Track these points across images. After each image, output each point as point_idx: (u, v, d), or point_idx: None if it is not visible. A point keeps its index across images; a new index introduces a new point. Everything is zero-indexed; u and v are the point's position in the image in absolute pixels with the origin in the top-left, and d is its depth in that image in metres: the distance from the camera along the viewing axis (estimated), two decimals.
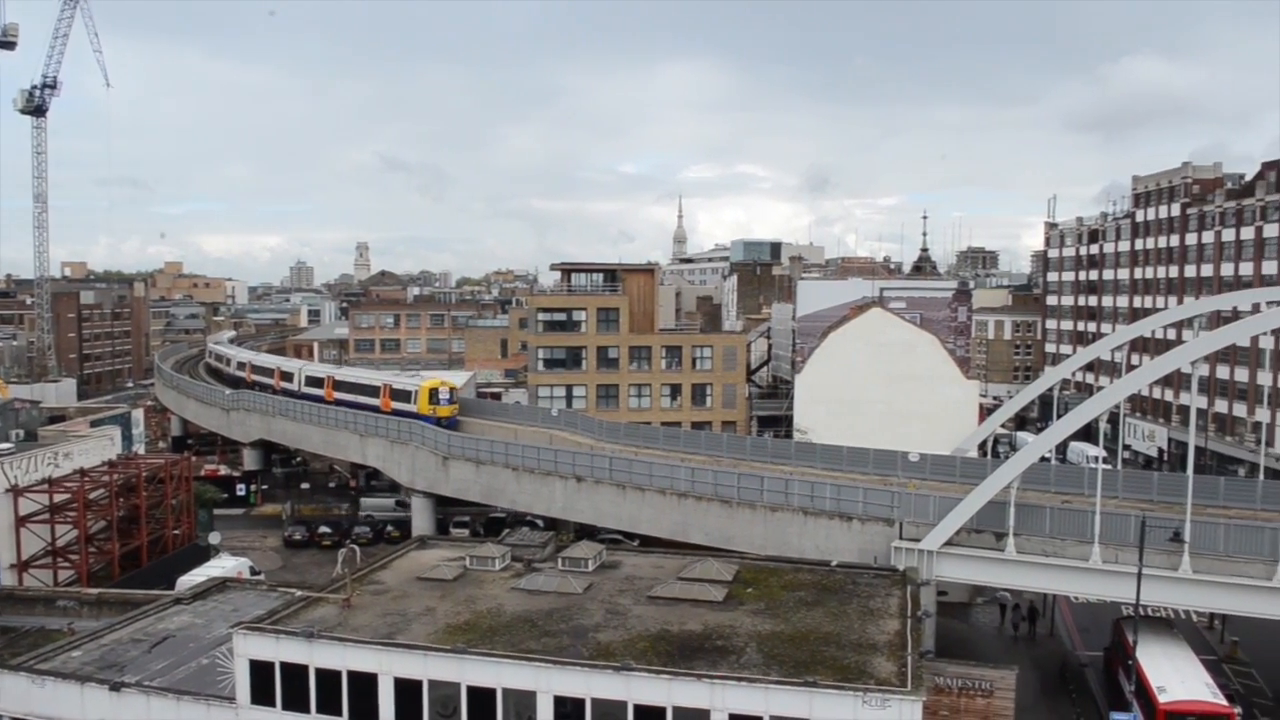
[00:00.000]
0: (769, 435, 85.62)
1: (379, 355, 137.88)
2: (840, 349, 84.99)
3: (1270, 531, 43.88)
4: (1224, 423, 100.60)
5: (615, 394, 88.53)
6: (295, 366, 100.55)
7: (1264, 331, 50.14)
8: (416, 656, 34.63)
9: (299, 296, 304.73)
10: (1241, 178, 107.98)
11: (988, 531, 47.94)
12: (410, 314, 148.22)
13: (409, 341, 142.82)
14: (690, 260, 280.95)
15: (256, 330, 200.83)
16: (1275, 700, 50.84)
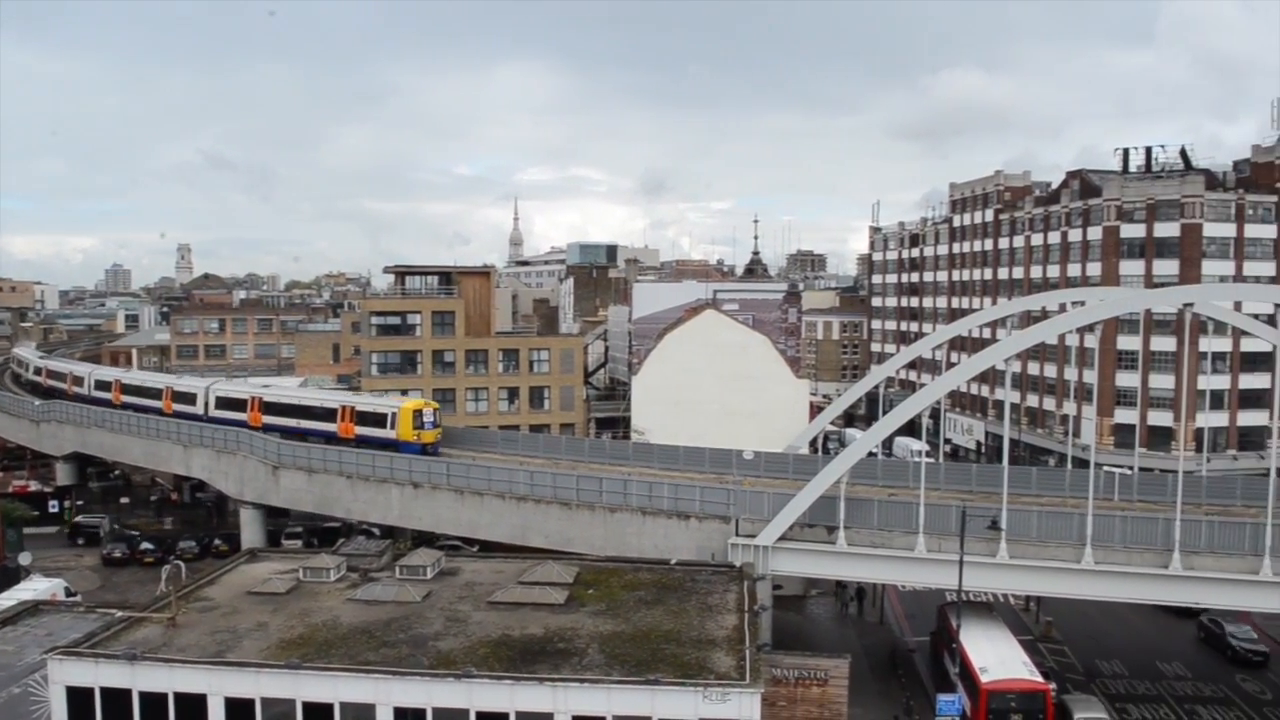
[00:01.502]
0: (607, 437, 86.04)
1: (203, 362, 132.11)
2: (676, 350, 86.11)
3: (1078, 517, 46.68)
4: (1036, 416, 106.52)
5: (452, 398, 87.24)
6: (200, 385, 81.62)
7: (1070, 330, 53.20)
8: (248, 674, 33.36)
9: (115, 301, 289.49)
10: (1049, 186, 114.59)
11: (820, 526, 49.39)
12: (236, 319, 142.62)
13: (235, 347, 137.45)
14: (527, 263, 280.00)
15: (69, 337, 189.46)
16: (1086, 674, 54.16)
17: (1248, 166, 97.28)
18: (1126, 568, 46.29)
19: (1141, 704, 50.82)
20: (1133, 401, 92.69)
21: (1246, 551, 45.29)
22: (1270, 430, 52.44)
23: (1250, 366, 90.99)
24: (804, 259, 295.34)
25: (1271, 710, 50.21)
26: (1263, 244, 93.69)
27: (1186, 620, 61.04)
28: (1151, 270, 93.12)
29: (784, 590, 58.26)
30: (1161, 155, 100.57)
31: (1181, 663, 56.29)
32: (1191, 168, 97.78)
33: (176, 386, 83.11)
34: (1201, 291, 63.17)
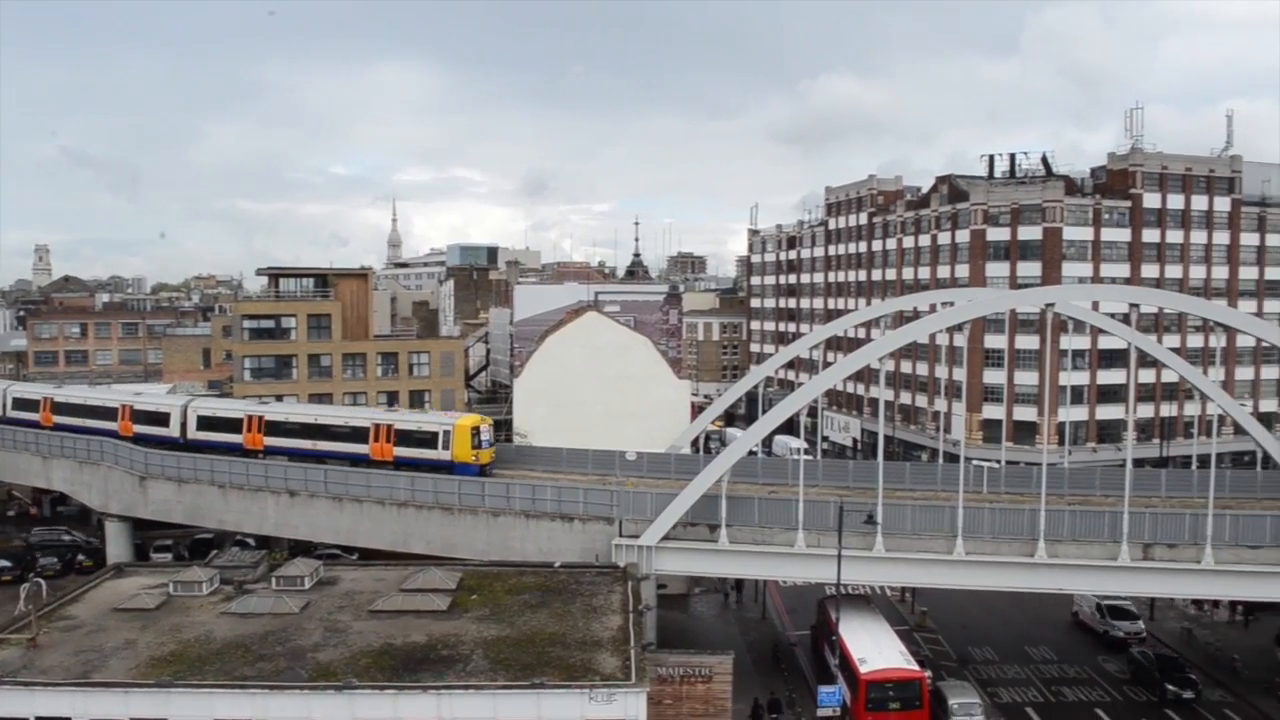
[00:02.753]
0: None
1: (63, 369, 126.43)
2: (557, 352, 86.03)
3: (950, 510, 48.26)
4: (909, 413, 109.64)
5: (329, 403, 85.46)
6: (175, 403, 69.16)
7: (940, 329, 54.85)
8: (116, 695, 32.14)
9: None
10: (919, 190, 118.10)
11: (702, 524, 49.94)
12: (100, 323, 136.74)
13: (98, 353, 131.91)
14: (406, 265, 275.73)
15: None
16: (960, 661, 56.13)
17: (1104, 173, 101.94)
18: (995, 557, 48.09)
19: (1011, 687, 52.88)
20: (999, 398, 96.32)
21: (1106, 538, 47.54)
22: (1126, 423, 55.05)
23: (1107, 363, 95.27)
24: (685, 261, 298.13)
25: (1130, 688, 52.86)
26: (1118, 247, 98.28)
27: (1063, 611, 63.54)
28: (1016, 272, 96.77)
29: (668, 589, 58.73)
30: (1025, 162, 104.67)
31: (1049, 647, 58.72)
32: (1052, 174, 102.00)
33: (139, 405, 69.96)
34: (1062, 292, 66.03)
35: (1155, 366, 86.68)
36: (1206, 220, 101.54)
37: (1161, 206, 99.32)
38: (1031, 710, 50.00)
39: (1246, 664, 55.23)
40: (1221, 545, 46.82)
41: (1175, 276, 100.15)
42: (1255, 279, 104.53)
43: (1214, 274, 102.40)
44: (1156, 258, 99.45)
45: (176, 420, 67.16)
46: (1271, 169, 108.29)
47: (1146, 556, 47.42)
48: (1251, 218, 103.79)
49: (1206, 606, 63.71)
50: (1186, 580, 48.33)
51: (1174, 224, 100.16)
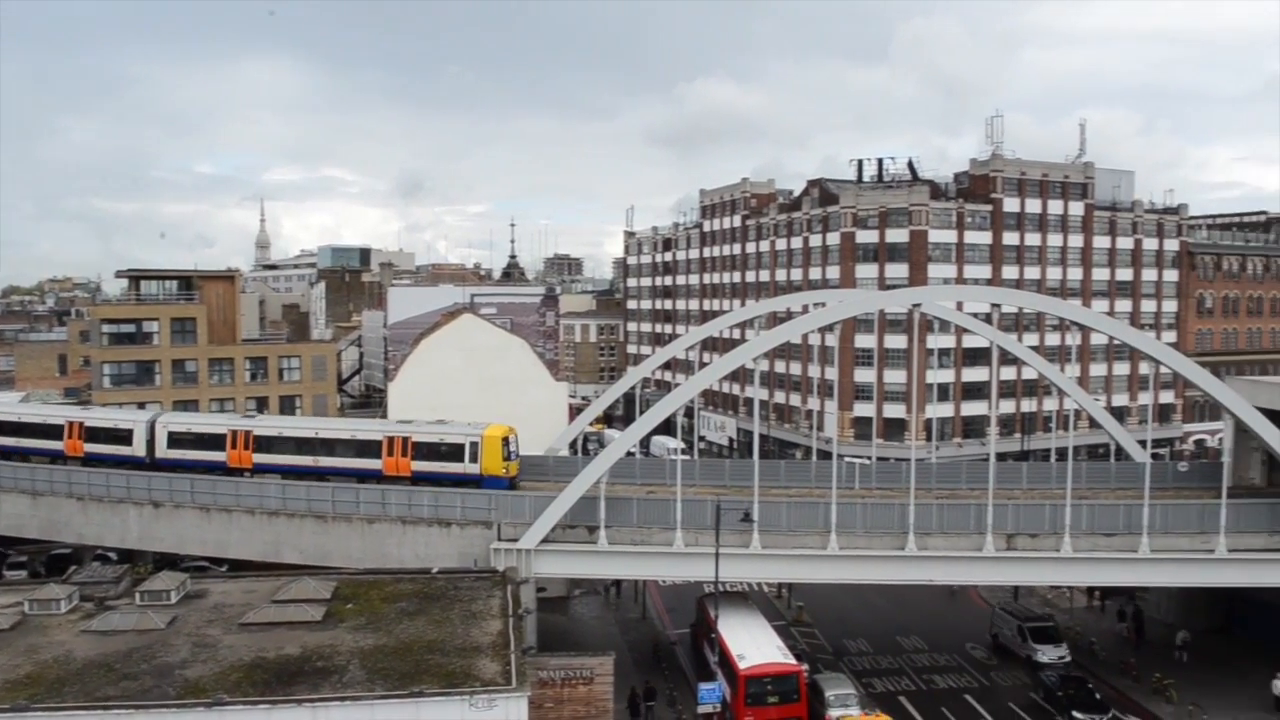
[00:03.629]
0: None
1: None
2: (433, 355, 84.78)
3: (824, 506, 49.27)
4: (783, 412, 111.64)
5: (195, 410, 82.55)
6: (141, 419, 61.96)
7: (812, 330, 56.04)
8: None
9: None
10: (791, 193, 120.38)
11: (581, 526, 49.90)
12: None
13: None
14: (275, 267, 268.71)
15: None
16: (835, 653, 57.39)
17: (967, 178, 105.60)
18: (868, 551, 49.30)
19: (885, 677, 54.33)
20: (870, 396, 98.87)
21: (971, 530, 49.23)
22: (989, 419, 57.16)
23: (971, 361, 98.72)
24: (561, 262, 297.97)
25: (996, 674, 54.88)
26: (980, 249, 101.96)
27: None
28: (884, 273, 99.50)
29: (548, 592, 58.54)
30: (892, 167, 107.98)
31: (919, 636, 60.46)
32: (918, 178, 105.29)
33: (92, 421, 62.40)
34: (928, 293, 68.17)
35: (1016, 364, 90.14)
36: (1062, 224, 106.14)
37: (1020, 210, 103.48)
38: (904, 699, 51.41)
39: (1103, 646, 57.94)
40: (1079, 534, 49.01)
41: (1034, 277, 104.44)
42: (1107, 280, 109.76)
43: (1069, 275, 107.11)
44: (1016, 259, 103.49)
45: (141, 438, 60.41)
46: (1121, 175, 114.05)
47: (1010, 546, 49.30)
48: (1103, 221, 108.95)
49: (1067, 592, 66.38)
50: (1047, 568, 50.40)
51: (1032, 227, 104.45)
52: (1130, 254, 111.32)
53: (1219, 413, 62.13)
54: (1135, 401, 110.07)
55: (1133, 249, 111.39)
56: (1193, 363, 53.78)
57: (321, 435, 58.69)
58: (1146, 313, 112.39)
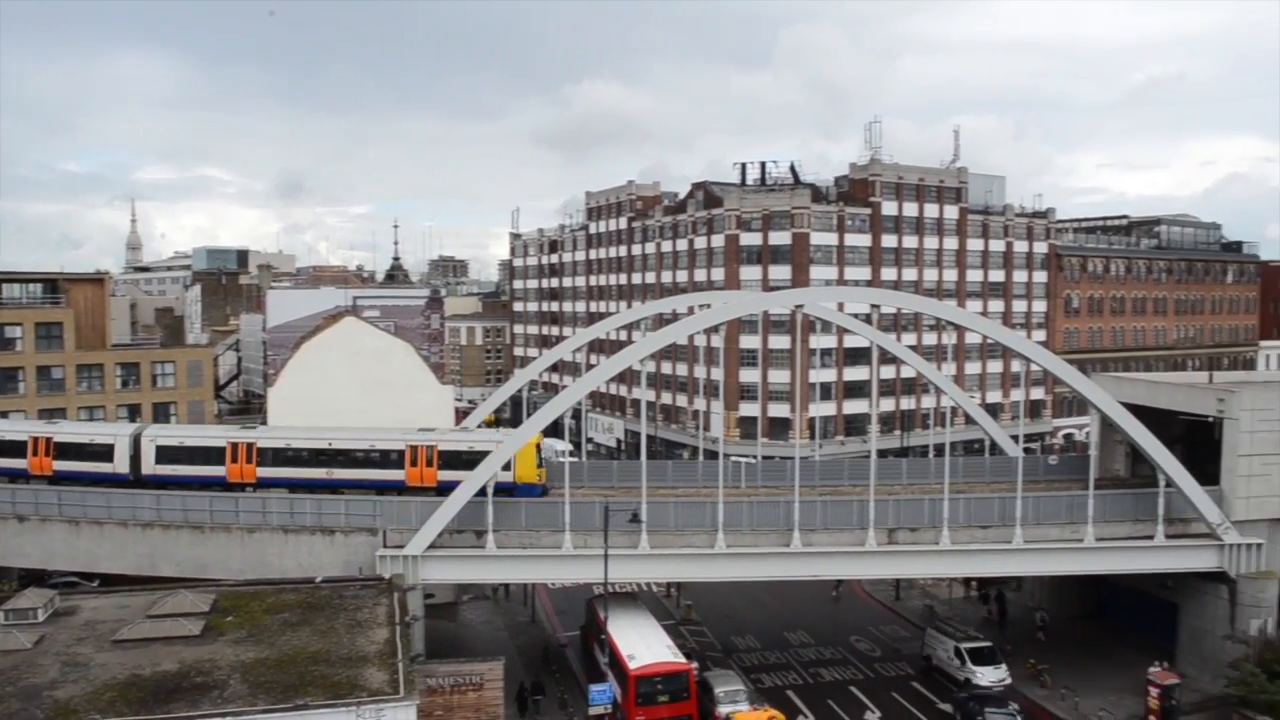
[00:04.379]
0: None
1: None
2: (315, 359, 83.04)
3: (711, 506, 49.74)
4: (670, 413, 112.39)
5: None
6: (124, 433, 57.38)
7: (698, 331, 56.52)
8: None
9: None
10: (676, 196, 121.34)
11: (468, 531, 49.42)
12: None
13: None
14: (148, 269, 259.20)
15: None
16: (724, 651, 58.01)
17: (847, 182, 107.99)
18: (755, 549, 50.00)
19: (773, 672, 55.17)
20: (755, 396, 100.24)
21: (854, 526, 50.35)
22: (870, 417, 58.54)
23: (852, 361, 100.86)
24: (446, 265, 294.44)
25: (880, 665, 56.22)
26: (860, 251, 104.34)
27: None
28: (768, 275, 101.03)
29: (436, 598, 57.81)
30: (775, 170, 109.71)
31: (805, 631, 61.56)
32: (800, 182, 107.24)
33: (63, 436, 57.02)
34: (810, 294, 69.55)
35: (895, 363, 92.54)
36: (938, 227, 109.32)
37: (898, 214, 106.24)
38: (792, 693, 52.29)
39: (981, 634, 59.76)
40: (957, 527, 50.57)
41: (911, 279, 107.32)
42: (981, 281, 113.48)
43: (945, 276, 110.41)
44: (894, 261, 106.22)
45: (123, 453, 55.93)
46: (993, 180, 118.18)
47: (891, 541, 50.59)
48: (976, 225, 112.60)
49: (946, 584, 68.36)
50: (927, 561, 51.85)
51: (909, 230, 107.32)
52: (1002, 256, 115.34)
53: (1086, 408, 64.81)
54: (1008, 398, 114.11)
55: (1004, 251, 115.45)
56: (1061, 361, 56.04)
57: (336, 446, 55.41)
58: (1018, 313, 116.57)
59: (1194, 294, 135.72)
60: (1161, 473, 50.47)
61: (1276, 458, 52.61)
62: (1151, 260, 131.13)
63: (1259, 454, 52.30)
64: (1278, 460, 52.67)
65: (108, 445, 56.26)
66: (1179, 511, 51.54)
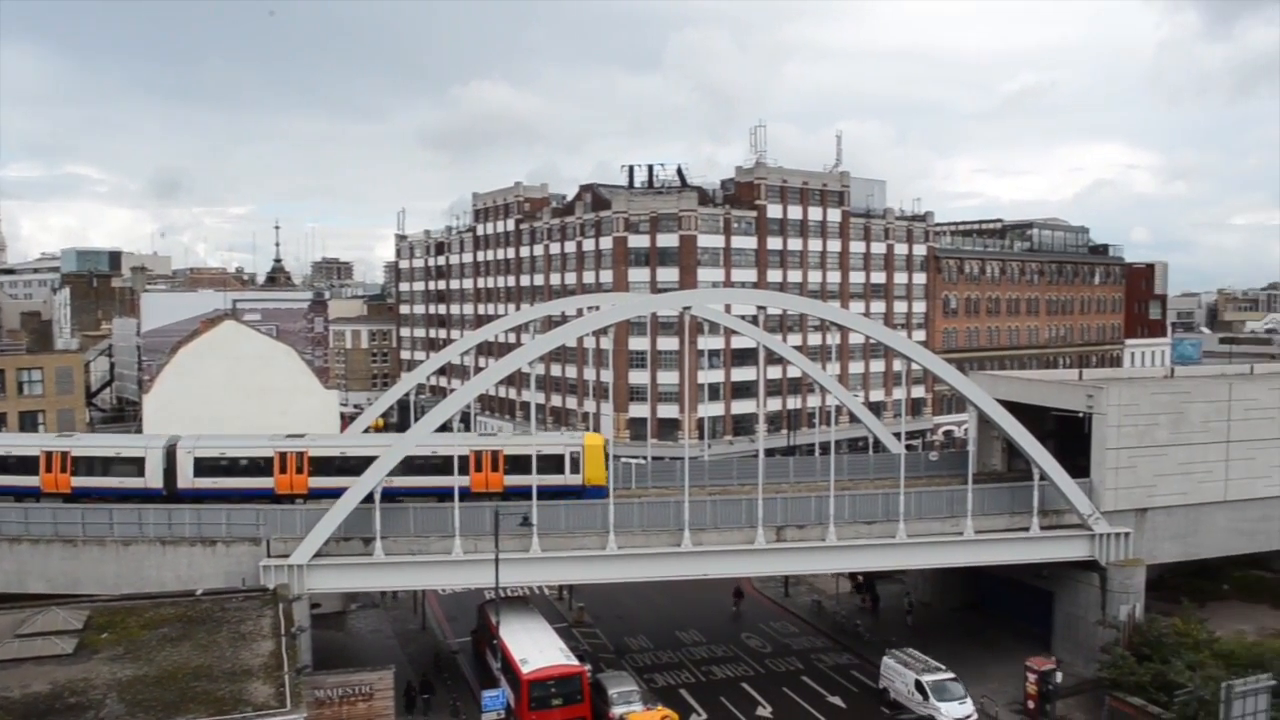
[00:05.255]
0: None
1: None
2: (193, 365, 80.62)
3: (600, 507, 49.81)
4: (560, 415, 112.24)
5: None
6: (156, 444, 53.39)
7: (587, 333, 56.61)
8: None
9: None
10: (564, 198, 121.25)
11: (356, 538, 48.52)
12: None
13: None
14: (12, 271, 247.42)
15: None
16: (617, 652, 58.22)
17: (733, 185, 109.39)
18: (646, 549, 50.24)
19: (666, 671, 55.56)
20: (644, 397, 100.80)
21: (744, 524, 51.02)
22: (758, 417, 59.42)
23: (740, 361, 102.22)
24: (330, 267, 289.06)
25: (771, 660, 57.09)
26: (746, 254, 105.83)
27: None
28: (656, 277, 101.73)
29: (323, 608, 56.66)
30: (662, 173, 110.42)
31: (697, 630, 62.13)
32: (687, 185, 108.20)
33: (81, 450, 52.66)
34: (697, 296, 70.24)
35: (781, 363, 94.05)
36: (821, 229, 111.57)
37: (783, 217, 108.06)
38: (685, 691, 52.71)
39: (867, 628, 61.30)
40: (843, 523, 51.67)
41: (797, 281, 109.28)
42: (863, 282, 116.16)
43: (829, 278, 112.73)
44: (780, 263, 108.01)
45: (156, 466, 52.20)
46: (875, 184, 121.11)
47: (780, 538, 51.41)
48: (859, 227, 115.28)
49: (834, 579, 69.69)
50: (815, 557, 52.80)
51: (794, 233, 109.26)
52: (883, 258, 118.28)
53: (964, 405, 66.95)
54: (890, 396, 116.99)
55: (885, 253, 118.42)
56: (940, 360, 57.79)
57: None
58: (899, 313, 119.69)
59: (1064, 295, 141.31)
60: (1036, 467, 52.49)
61: (1141, 451, 55.29)
62: (1024, 262, 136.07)
63: (1125, 447, 54.84)
64: (1143, 453, 55.35)
65: (137, 458, 52.63)
66: (1052, 504, 53.68)
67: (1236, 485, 57.73)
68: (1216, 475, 57.33)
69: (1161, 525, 56.05)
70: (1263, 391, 60.28)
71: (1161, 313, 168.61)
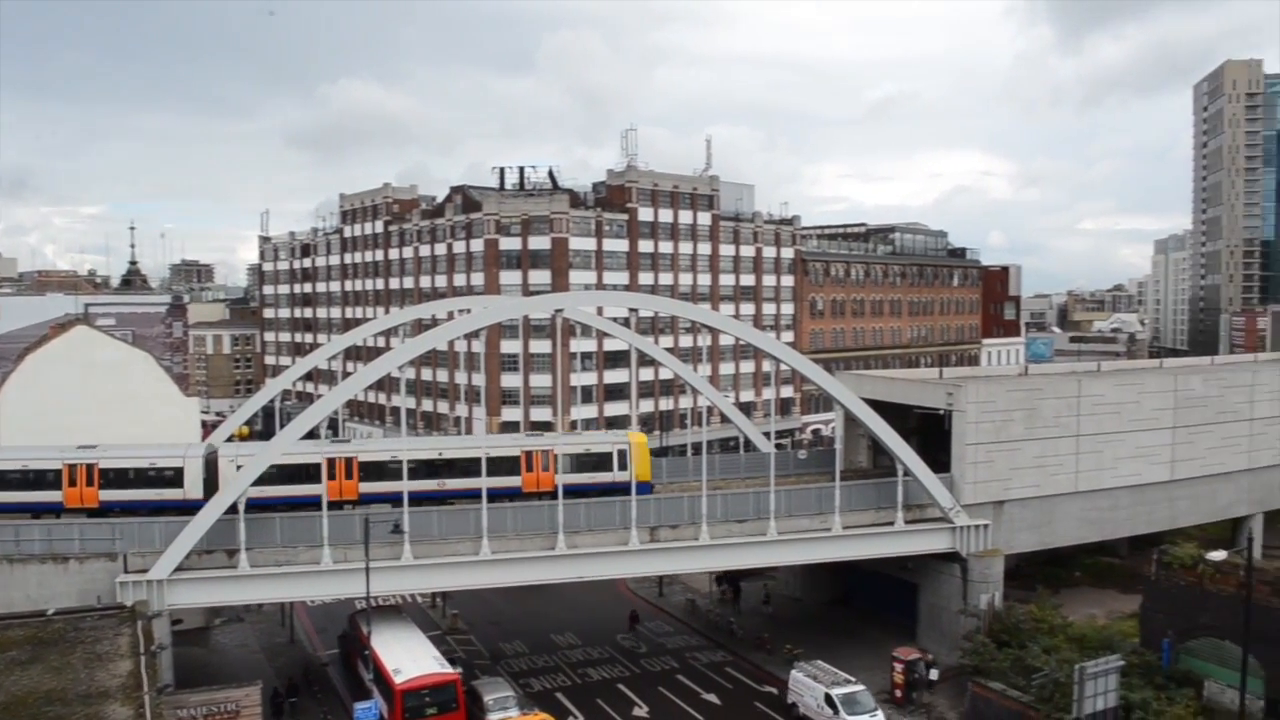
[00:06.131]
0: None
1: None
2: (42, 373, 76.75)
3: (474, 513, 49.29)
4: (432, 419, 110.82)
5: None
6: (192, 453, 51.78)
7: (458, 336, 56.01)
8: None
9: None
10: (434, 199, 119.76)
11: (219, 550, 46.92)
12: None
13: None
14: None
15: None
16: (493, 658, 57.81)
17: (605, 188, 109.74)
18: (520, 554, 50.00)
19: (542, 675, 55.39)
20: (517, 400, 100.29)
21: (618, 526, 51.23)
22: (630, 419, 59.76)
23: (612, 364, 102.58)
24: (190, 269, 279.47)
25: (646, 660, 57.49)
26: (618, 256, 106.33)
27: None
28: (528, 279, 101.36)
29: (185, 624, 54.75)
30: (534, 175, 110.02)
31: (573, 633, 62.12)
32: (559, 187, 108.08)
33: (110, 462, 50.74)
34: (569, 299, 70.15)
35: (654, 365, 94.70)
36: (692, 233, 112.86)
37: (654, 220, 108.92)
38: (562, 695, 52.64)
39: (740, 625, 62.23)
40: (715, 522, 52.37)
41: (668, 283, 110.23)
42: (733, 285, 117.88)
43: (699, 280, 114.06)
44: (651, 266, 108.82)
45: (196, 476, 50.74)
46: (743, 188, 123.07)
47: (654, 539, 51.79)
48: (728, 231, 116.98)
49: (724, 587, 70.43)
50: (689, 556, 53.35)
51: (665, 236, 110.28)
52: (752, 261, 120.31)
53: (832, 404, 68.57)
54: (760, 397, 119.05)
55: (754, 256, 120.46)
56: (807, 360, 59.16)
57: (446, 456, 54.03)
58: (768, 315, 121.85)
59: (925, 296, 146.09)
60: (900, 463, 54.14)
61: (998, 446, 57.60)
62: (887, 265, 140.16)
63: (983, 443, 57.05)
64: (999, 448, 57.68)
65: (174, 468, 50.95)
66: (916, 498, 55.46)
67: (1086, 477, 60.72)
68: (1068, 468, 60.15)
69: (1018, 516, 58.50)
70: (1109, 388, 63.57)
71: (1016, 313, 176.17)
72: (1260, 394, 69.31)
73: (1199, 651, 47.28)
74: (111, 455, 51.76)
